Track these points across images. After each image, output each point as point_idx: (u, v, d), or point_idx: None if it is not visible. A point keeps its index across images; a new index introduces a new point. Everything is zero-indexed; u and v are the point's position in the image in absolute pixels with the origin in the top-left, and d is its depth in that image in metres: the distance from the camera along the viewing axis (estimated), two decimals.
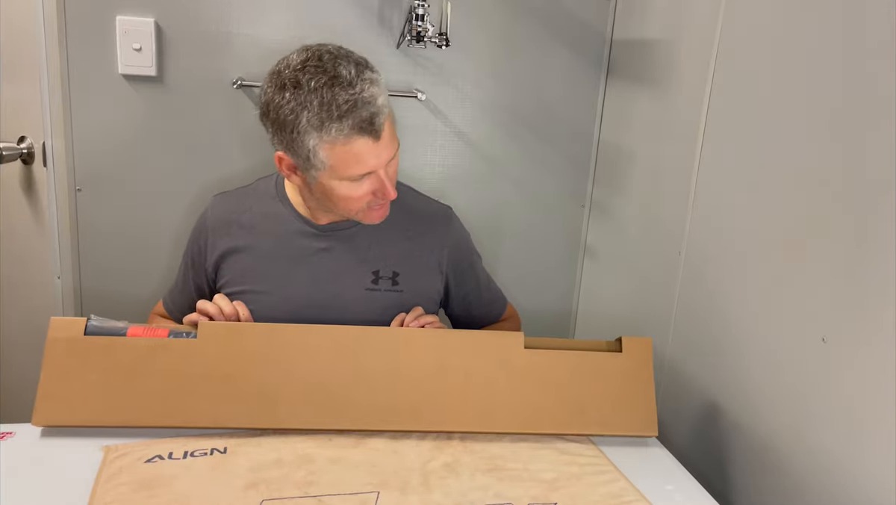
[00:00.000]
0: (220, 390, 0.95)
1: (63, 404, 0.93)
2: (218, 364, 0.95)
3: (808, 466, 0.97)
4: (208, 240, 1.14)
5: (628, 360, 1.05)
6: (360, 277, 1.10)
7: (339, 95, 0.92)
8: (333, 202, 1.03)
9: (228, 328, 0.98)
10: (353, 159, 0.96)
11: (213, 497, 0.82)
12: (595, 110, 1.60)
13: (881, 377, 0.85)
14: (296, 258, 1.11)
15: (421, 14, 1.33)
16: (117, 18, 1.32)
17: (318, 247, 1.11)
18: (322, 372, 0.97)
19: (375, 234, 1.11)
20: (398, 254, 1.12)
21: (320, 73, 0.94)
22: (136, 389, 0.94)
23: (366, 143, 0.95)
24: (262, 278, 1.11)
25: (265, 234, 1.12)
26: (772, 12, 1.06)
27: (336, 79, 0.93)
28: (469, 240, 1.24)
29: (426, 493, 0.87)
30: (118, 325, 0.97)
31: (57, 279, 1.40)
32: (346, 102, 0.92)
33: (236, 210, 1.14)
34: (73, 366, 0.94)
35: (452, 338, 1.03)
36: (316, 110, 0.93)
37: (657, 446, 1.05)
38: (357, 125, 0.93)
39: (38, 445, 0.92)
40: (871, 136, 0.87)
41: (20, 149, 1.39)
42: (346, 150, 0.94)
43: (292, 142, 0.96)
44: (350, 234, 1.11)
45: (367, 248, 1.11)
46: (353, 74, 0.94)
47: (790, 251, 1.00)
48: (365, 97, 0.93)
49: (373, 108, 0.94)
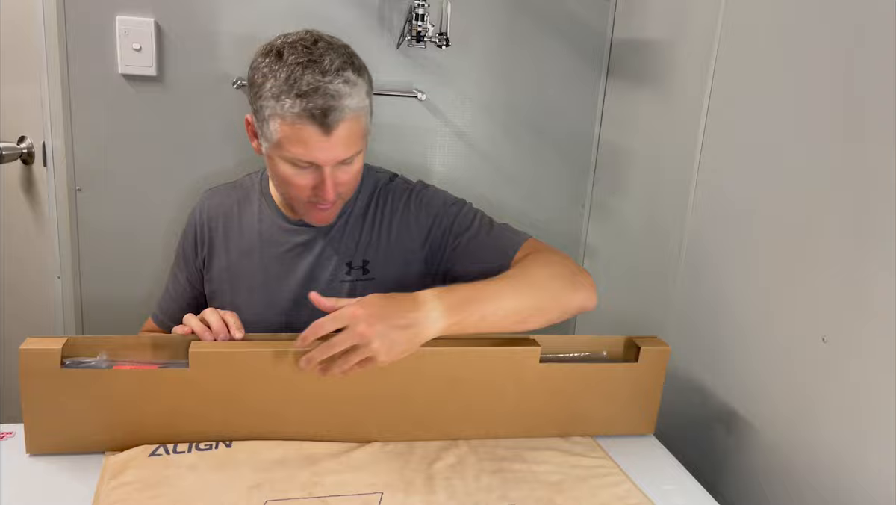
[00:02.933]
0: (219, 410, 0.91)
1: (53, 434, 0.89)
2: (215, 389, 0.90)
3: (808, 466, 0.97)
4: (198, 234, 1.15)
5: (643, 370, 1.02)
6: (334, 270, 1.10)
7: (306, 76, 0.92)
8: (278, 183, 1.03)
9: (221, 355, 0.89)
10: (299, 142, 0.95)
11: (217, 497, 0.83)
12: (595, 110, 1.60)
13: (881, 377, 0.86)
14: (275, 254, 1.11)
15: (421, 14, 1.33)
16: (117, 18, 1.32)
17: (295, 241, 1.11)
18: (325, 392, 0.93)
19: (347, 226, 1.10)
20: (368, 242, 1.10)
21: (304, 53, 0.94)
22: (130, 416, 0.89)
23: (314, 132, 0.93)
24: (243, 275, 1.12)
25: (247, 229, 1.13)
26: (772, 12, 1.06)
27: (314, 63, 0.93)
28: (441, 201, 1.12)
29: (430, 494, 0.87)
30: (100, 360, 0.89)
31: (57, 279, 1.40)
32: (309, 85, 0.92)
33: (223, 203, 1.15)
34: (55, 396, 0.87)
35: (466, 354, 0.96)
36: (281, 81, 0.93)
37: (657, 446, 1.06)
38: (308, 110, 0.92)
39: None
40: (871, 136, 0.88)
41: (20, 149, 1.39)
42: (293, 129, 0.94)
43: (255, 103, 0.98)
44: (325, 228, 1.10)
45: (339, 240, 1.10)
46: (333, 67, 0.94)
47: (790, 251, 1.01)
48: (330, 89, 0.92)
49: (331, 102, 0.92)
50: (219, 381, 0.89)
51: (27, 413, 0.87)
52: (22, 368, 0.84)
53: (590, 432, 1.04)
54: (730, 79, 1.15)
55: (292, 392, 0.92)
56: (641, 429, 1.06)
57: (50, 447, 0.89)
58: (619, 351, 1.03)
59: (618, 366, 1.01)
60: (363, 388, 0.93)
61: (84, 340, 0.88)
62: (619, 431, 1.05)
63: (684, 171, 1.25)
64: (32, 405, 0.87)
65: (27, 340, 0.85)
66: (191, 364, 0.88)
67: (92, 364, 0.87)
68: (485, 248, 1.07)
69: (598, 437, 1.04)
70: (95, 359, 0.88)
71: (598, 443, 1.03)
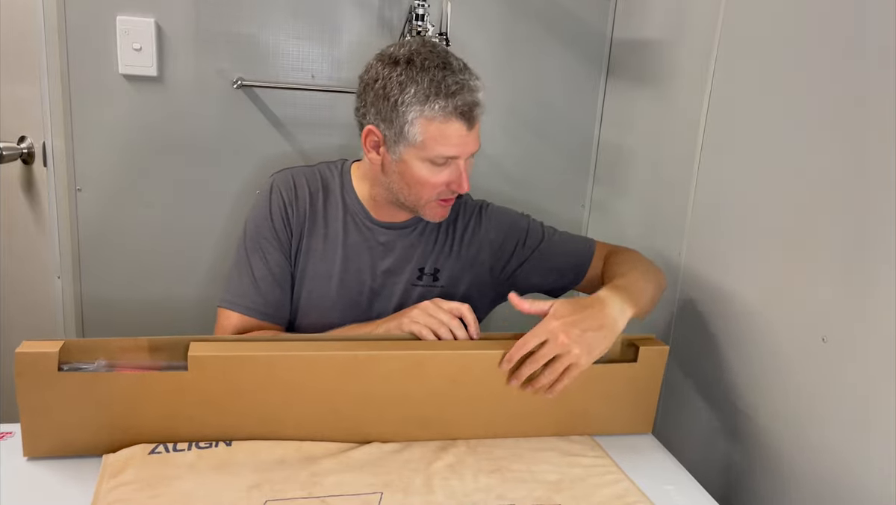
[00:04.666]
0: (218, 414, 0.91)
1: (51, 438, 0.88)
2: (214, 393, 0.89)
3: (808, 466, 0.97)
4: (288, 210, 1.11)
5: (642, 369, 1.02)
6: (409, 273, 1.14)
7: (448, 77, 0.99)
8: (407, 184, 1.05)
9: (221, 359, 0.88)
10: (444, 139, 1.00)
11: (217, 497, 0.82)
12: (595, 110, 1.60)
13: (881, 377, 0.86)
14: (356, 246, 1.13)
15: (421, 14, 1.33)
16: (117, 18, 1.32)
17: (377, 240, 1.14)
18: (325, 396, 0.92)
19: (423, 235, 1.15)
20: (440, 252, 1.16)
21: (434, 56, 1.01)
22: (128, 420, 0.88)
23: (460, 127, 1.00)
24: (325, 260, 1.13)
25: (332, 217, 1.14)
26: (772, 12, 1.06)
27: (447, 64, 1.00)
28: (510, 218, 1.19)
29: (429, 494, 0.87)
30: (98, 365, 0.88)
31: (57, 279, 1.40)
32: (455, 84, 0.99)
33: (308, 186, 1.14)
34: (52, 400, 0.85)
35: (465, 357, 0.94)
36: (425, 86, 0.98)
37: (656, 446, 1.06)
38: (458, 108, 0.99)
39: None
40: (871, 136, 0.88)
41: (20, 149, 1.39)
42: (441, 128, 0.99)
43: (391, 112, 1.01)
44: (405, 233, 1.14)
45: (416, 247, 1.15)
46: (462, 66, 1.02)
47: (790, 251, 1.01)
48: (471, 85, 1.00)
49: (475, 98, 1.00)
50: (218, 385, 0.89)
51: (24, 417, 0.86)
52: (17, 372, 0.83)
53: (588, 431, 1.04)
54: (730, 79, 1.15)
55: (292, 396, 0.92)
56: (639, 428, 1.06)
57: (47, 451, 0.89)
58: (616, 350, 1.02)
59: (616, 366, 1.01)
60: (363, 392, 0.93)
61: (81, 343, 0.87)
62: (617, 430, 1.05)
63: (684, 171, 1.25)
64: (29, 409, 0.86)
65: (23, 344, 0.84)
66: (190, 368, 0.87)
67: (90, 369, 0.86)
68: (558, 255, 1.18)
69: (596, 436, 1.04)
70: (94, 364, 0.87)
71: (596, 442, 1.03)
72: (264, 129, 1.45)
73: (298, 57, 1.43)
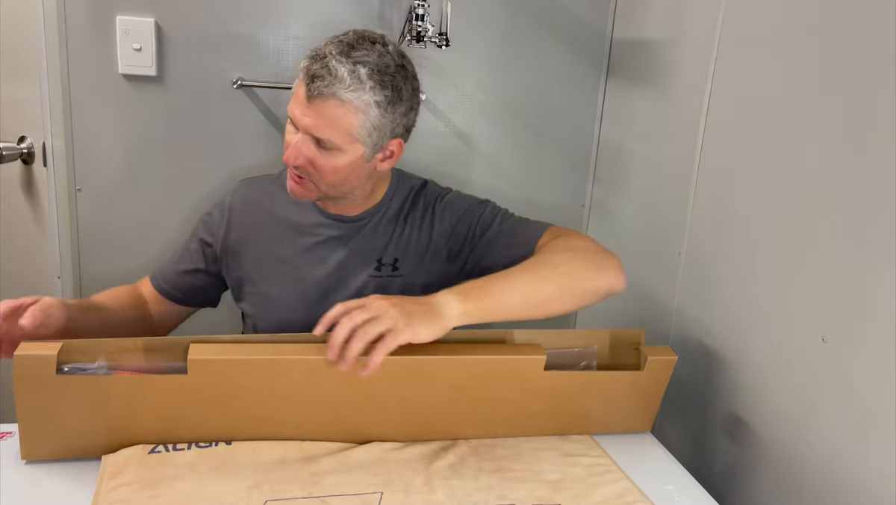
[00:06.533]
0: (218, 416, 0.91)
1: (49, 441, 0.87)
2: (214, 396, 0.89)
3: (808, 466, 0.97)
4: (227, 217, 1.16)
5: (647, 379, 1.01)
6: (365, 265, 1.13)
7: (328, 48, 0.97)
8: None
9: (220, 362, 0.88)
10: (294, 96, 1.00)
11: (217, 497, 0.83)
12: (595, 110, 1.60)
13: (881, 377, 0.86)
14: (307, 244, 1.13)
15: (421, 14, 1.33)
16: (117, 18, 1.32)
17: (328, 234, 1.13)
18: (325, 399, 0.92)
19: (379, 226, 1.14)
20: (399, 242, 1.14)
21: (350, 34, 1.00)
22: (128, 422, 0.88)
23: (302, 92, 0.98)
24: (275, 261, 1.13)
25: (281, 217, 1.15)
26: (772, 12, 1.06)
27: (350, 47, 0.98)
28: (467, 204, 1.16)
29: (430, 493, 0.87)
30: (98, 366, 0.87)
31: (57, 279, 1.40)
32: (325, 56, 0.96)
33: (258, 192, 1.17)
34: (51, 402, 0.85)
35: (467, 363, 0.94)
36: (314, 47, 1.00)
37: (656, 446, 1.06)
38: (309, 71, 0.97)
39: None
40: (871, 136, 0.88)
41: (20, 149, 1.39)
42: (297, 85, 1.00)
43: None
44: (358, 226, 1.14)
45: (371, 238, 1.14)
46: (359, 59, 0.97)
47: (790, 251, 1.01)
48: (334, 66, 0.95)
49: (325, 73, 0.95)
50: (217, 388, 0.89)
51: (22, 419, 0.86)
52: (16, 374, 0.82)
53: (588, 431, 1.04)
54: (730, 79, 1.15)
55: (292, 400, 0.92)
56: (639, 426, 1.06)
57: (46, 454, 0.88)
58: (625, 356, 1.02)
59: (621, 374, 1.01)
60: (363, 395, 0.93)
61: (80, 344, 0.86)
62: (616, 429, 1.05)
63: (684, 171, 1.25)
64: (28, 412, 0.85)
65: (21, 346, 0.83)
66: (189, 371, 0.86)
67: (90, 371, 0.86)
68: (509, 240, 1.09)
69: (596, 435, 1.04)
70: (94, 365, 0.86)
71: (596, 441, 1.03)
72: (264, 129, 1.45)
73: (298, 57, 1.42)
